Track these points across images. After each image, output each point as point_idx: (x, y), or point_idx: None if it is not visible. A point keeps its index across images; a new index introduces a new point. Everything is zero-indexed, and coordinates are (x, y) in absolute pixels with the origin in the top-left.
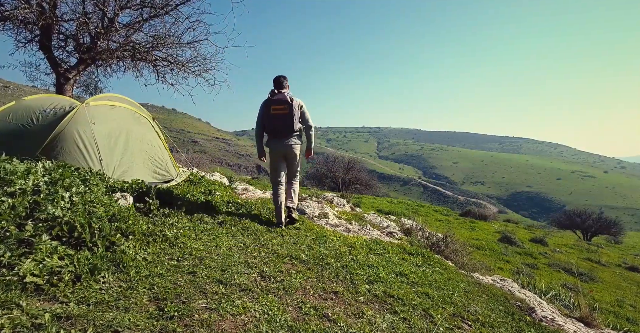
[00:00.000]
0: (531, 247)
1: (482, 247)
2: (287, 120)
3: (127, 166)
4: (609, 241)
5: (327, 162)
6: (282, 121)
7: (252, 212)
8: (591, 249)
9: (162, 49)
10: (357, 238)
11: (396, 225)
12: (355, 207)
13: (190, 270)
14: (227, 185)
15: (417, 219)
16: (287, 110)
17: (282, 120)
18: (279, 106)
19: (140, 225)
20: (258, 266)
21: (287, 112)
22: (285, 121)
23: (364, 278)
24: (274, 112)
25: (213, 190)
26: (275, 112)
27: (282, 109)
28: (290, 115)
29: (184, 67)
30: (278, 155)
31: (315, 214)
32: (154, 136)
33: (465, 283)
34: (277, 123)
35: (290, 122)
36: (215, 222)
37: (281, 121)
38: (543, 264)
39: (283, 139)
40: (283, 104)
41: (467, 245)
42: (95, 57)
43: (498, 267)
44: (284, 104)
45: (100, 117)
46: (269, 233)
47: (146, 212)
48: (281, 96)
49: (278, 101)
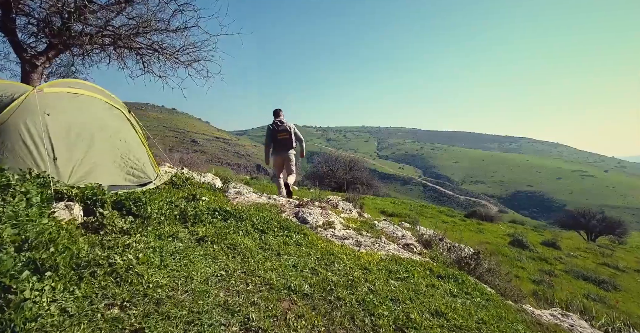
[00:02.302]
0: (544, 252)
1: (493, 252)
2: (288, 141)
3: (91, 166)
4: (613, 242)
5: (328, 161)
6: (285, 142)
7: (243, 223)
8: (605, 253)
9: (147, 35)
10: (372, 256)
11: (412, 235)
12: (363, 213)
13: (136, 326)
14: (219, 188)
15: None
16: (288, 135)
17: (285, 142)
18: (284, 133)
19: (75, 252)
20: (243, 310)
21: (289, 136)
22: (287, 142)
23: (389, 323)
24: (280, 137)
25: (198, 196)
26: (280, 137)
27: (285, 135)
28: (290, 139)
29: (172, 57)
30: (280, 159)
31: (319, 223)
32: (129, 131)
33: (522, 323)
34: (282, 143)
35: (290, 142)
36: (193, 239)
37: (285, 142)
38: (560, 271)
39: (284, 152)
40: (286, 132)
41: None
42: (69, 42)
43: (515, 275)
44: (286, 132)
45: (57, 107)
46: (261, 252)
47: (97, 229)
48: (283, 127)
49: (282, 130)
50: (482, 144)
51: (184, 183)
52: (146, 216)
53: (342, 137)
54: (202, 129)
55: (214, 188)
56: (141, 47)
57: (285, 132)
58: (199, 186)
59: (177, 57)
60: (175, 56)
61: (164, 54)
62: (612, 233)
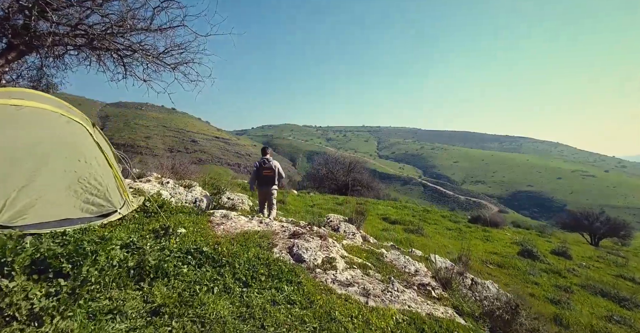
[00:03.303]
0: (556, 262)
1: (504, 264)
2: (271, 178)
3: (36, 196)
4: (616, 243)
5: (328, 163)
6: (268, 179)
7: (222, 270)
8: (619, 262)
9: (126, 35)
10: (385, 318)
11: (426, 268)
12: (368, 237)
13: None
14: (202, 209)
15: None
16: (272, 173)
17: (269, 178)
18: (268, 170)
19: None
20: None
21: (272, 174)
22: (270, 178)
23: None
24: (264, 173)
25: (173, 228)
26: (265, 173)
27: (269, 172)
28: (273, 176)
29: (155, 59)
30: (263, 194)
31: (317, 262)
32: (92, 149)
33: None
34: (266, 179)
35: (273, 179)
36: (145, 311)
37: (267, 179)
38: (576, 286)
39: (267, 187)
40: (270, 169)
41: (541, 315)
42: (32, 43)
43: (530, 293)
44: (271, 170)
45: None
46: (239, 324)
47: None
48: (269, 165)
49: (267, 168)
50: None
51: (158, 210)
52: (82, 279)
53: (342, 136)
54: (202, 128)
55: (197, 211)
56: (119, 48)
57: (269, 169)
58: (178, 210)
59: (162, 59)
60: (160, 58)
61: (146, 56)
62: (617, 236)
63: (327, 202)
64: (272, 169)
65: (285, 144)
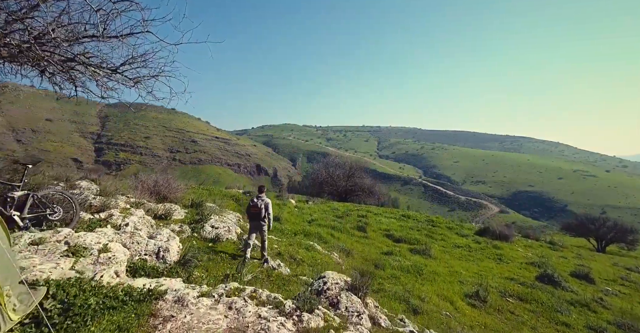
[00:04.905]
0: (579, 289)
1: (525, 297)
2: (258, 214)
3: None
4: (622, 248)
5: (327, 167)
6: (256, 215)
7: None
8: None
9: (62, 44)
10: None
11: None
12: (379, 315)
13: None
14: (169, 262)
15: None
16: (259, 210)
17: (256, 214)
18: (256, 208)
19: None
20: None
21: (259, 211)
22: (257, 215)
23: None
24: (252, 210)
25: None
26: (253, 210)
27: (257, 210)
28: (260, 213)
29: (113, 73)
30: (254, 226)
31: None
32: None
33: None
34: (254, 215)
35: (260, 215)
36: None
37: (256, 215)
38: (612, 326)
39: (256, 221)
40: (257, 207)
41: None
42: None
43: None
44: (257, 208)
45: None
46: None
47: None
48: (256, 203)
49: (255, 206)
50: (482, 143)
51: (67, 310)
52: None
53: (342, 136)
54: (202, 128)
55: (138, 297)
56: (63, 59)
57: (256, 207)
58: (102, 305)
59: (123, 73)
60: (120, 71)
61: (95, 69)
62: (624, 241)
63: (327, 216)
64: (259, 208)
65: (285, 143)
